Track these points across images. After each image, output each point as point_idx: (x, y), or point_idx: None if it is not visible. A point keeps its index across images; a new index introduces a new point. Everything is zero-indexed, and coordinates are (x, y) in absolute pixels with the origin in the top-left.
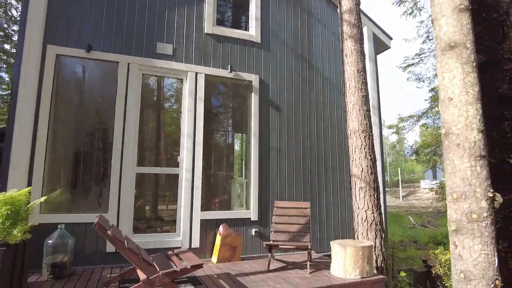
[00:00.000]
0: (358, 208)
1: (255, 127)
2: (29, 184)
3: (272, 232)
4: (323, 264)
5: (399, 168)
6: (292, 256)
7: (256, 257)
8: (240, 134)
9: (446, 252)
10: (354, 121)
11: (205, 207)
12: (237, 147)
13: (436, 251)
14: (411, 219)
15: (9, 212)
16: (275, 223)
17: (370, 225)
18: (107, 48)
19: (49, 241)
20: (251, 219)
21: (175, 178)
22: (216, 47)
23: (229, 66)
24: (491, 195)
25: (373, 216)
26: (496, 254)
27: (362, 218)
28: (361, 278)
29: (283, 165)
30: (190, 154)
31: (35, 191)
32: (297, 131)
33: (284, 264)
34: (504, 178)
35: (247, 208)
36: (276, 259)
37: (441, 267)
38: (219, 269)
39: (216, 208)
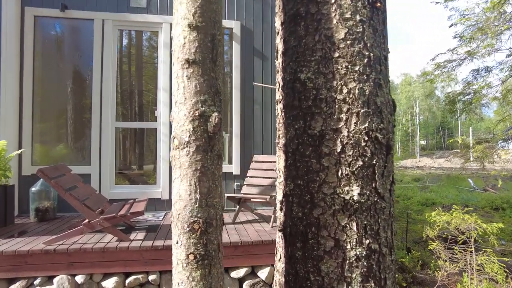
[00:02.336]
0: None
1: (237, 79)
2: (20, 139)
3: (245, 185)
4: None
5: (470, 128)
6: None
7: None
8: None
9: (444, 213)
10: None
11: None
12: None
13: (433, 213)
14: (471, 181)
15: None
16: (249, 176)
17: None
18: (81, 6)
19: (33, 189)
20: (233, 173)
21: (155, 132)
22: None
23: None
24: (198, 114)
25: None
26: (198, 190)
27: None
28: None
29: (269, 118)
30: (167, 108)
31: (25, 145)
32: None
33: (257, 218)
34: (295, 100)
35: (230, 162)
36: (255, 213)
37: (432, 229)
38: None
39: None
